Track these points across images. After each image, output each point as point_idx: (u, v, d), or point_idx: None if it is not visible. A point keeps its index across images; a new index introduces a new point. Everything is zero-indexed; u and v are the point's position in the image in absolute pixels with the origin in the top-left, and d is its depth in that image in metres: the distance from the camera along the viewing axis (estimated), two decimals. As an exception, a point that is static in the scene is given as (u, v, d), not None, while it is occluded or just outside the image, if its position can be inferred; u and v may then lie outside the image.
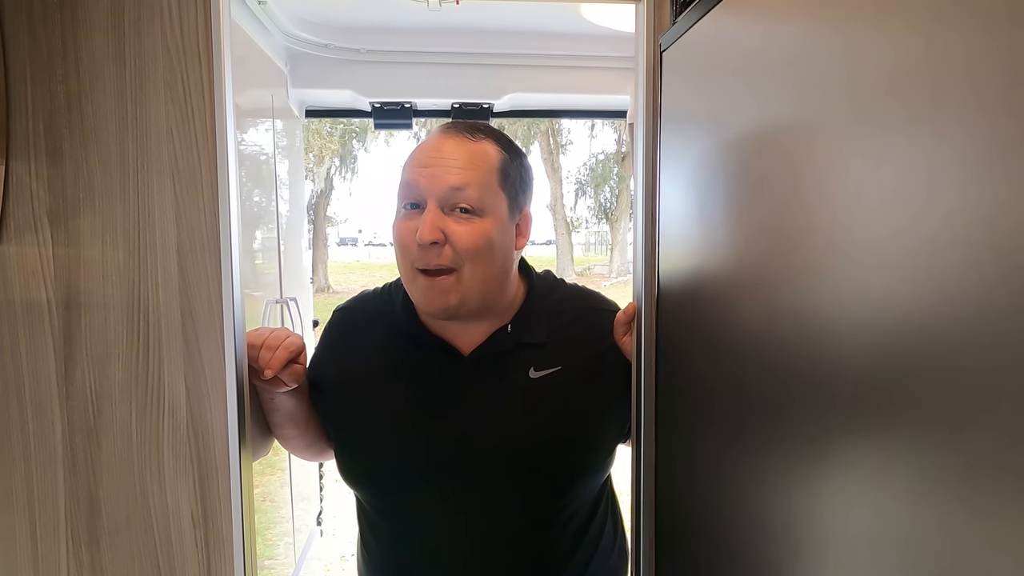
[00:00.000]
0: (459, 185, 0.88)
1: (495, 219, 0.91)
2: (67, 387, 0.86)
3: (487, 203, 0.90)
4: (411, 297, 0.95)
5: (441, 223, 0.88)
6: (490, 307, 0.96)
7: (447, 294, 0.89)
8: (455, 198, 0.88)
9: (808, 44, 0.52)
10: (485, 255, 0.90)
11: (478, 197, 0.89)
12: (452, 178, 0.88)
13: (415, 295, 0.93)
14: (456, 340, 0.98)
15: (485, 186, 0.90)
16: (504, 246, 0.93)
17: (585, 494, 1.01)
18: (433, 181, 0.89)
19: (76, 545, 0.87)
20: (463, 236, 0.88)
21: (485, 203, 0.90)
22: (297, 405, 1.00)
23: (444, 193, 0.88)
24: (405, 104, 1.79)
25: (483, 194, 0.89)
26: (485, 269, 0.90)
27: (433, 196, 0.88)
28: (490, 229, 0.90)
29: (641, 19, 0.89)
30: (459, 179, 0.88)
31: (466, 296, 0.90)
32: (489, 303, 0.95)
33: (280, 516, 1.99)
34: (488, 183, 0.91)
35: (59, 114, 0.83)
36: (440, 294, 0.89)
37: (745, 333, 0.64)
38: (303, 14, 1.58)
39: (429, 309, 0.92)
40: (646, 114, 0.90)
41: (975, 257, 0.34)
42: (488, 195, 0.90)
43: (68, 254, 0.85)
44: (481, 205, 0.89)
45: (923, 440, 0.39)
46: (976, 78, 0.34)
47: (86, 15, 0.83)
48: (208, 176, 0.84)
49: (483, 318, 0.97)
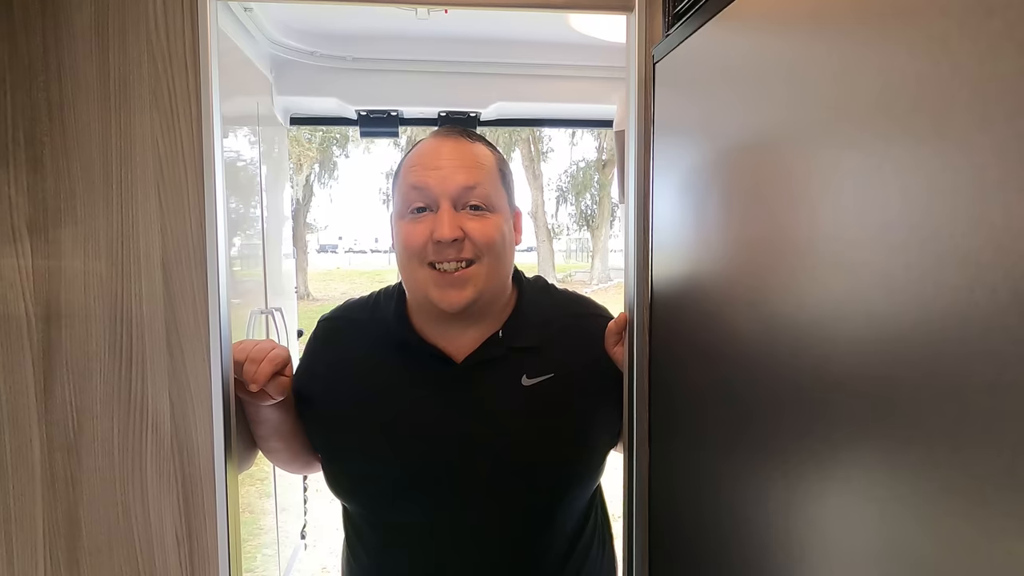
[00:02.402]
0: (471, 184, 0.91)
1: (503, 215, 0.95)
2: (46, 402, 0.83)
3: (495, 200, 0.94)
4: (422, 299, 0.95)
5: (459, 220, 0.90)
6: (491, 306, 0.98)
7: (464, 287, 0.91)
8: (467, 196, 0.91)
9: (802, 58, 0.52)
10: (499, 248, 0.94)
11: (488, 194, 0.93)
12: (463, 177, 0.91)
13: (430, 294, 0.92)
14: (449, 347, 0.98)
15: (492, 183, 0.94)
16: (510, 241, 0.98)
17: (577, 501, 1.01)
18: (444, 182, 0.91)
19: (55, 566, 0.85)
20: (480, 231, 0.91)
21: (493, 200, 0.93)
22: (282, 418, 0.98)
23: (457, 192, 0.91)
24: (391, 112, 1.78)
25: (491, 191, 0.93)
26: (499, 262, 0.94)
27: (446, 196, 0.90)
28: (501, 224, 0.94)
29: (633, 30, 0.89)
30: (470, 178, 0.91)
31: (483, 288, 0.93)
32: (494, 300, 0.97)
33: (259, 527, 1.95)
34: (493, 181, 0.95)
35: (40, 122, 0.81)
36: (457, 289, 0.91)
37: (739, 342, 0.64)
38: (289, 21, 1.57)
39: (446, 306, 0.92)
40: (638, 125, 0.90)
41: (973, 266, 0.34)
42: (494, 191, 0.94)
43: (48, 265, 0.82)
44: (490, 202, 0.93)
45: (924, 453, 0.39)
46: (968, 90, 0.34)
47: (68, 21, 0.81)
48: (194, 186, 0.82)
49: (478, 321, 0.97)
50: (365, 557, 1.02)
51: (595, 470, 1.02)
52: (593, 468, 1.01)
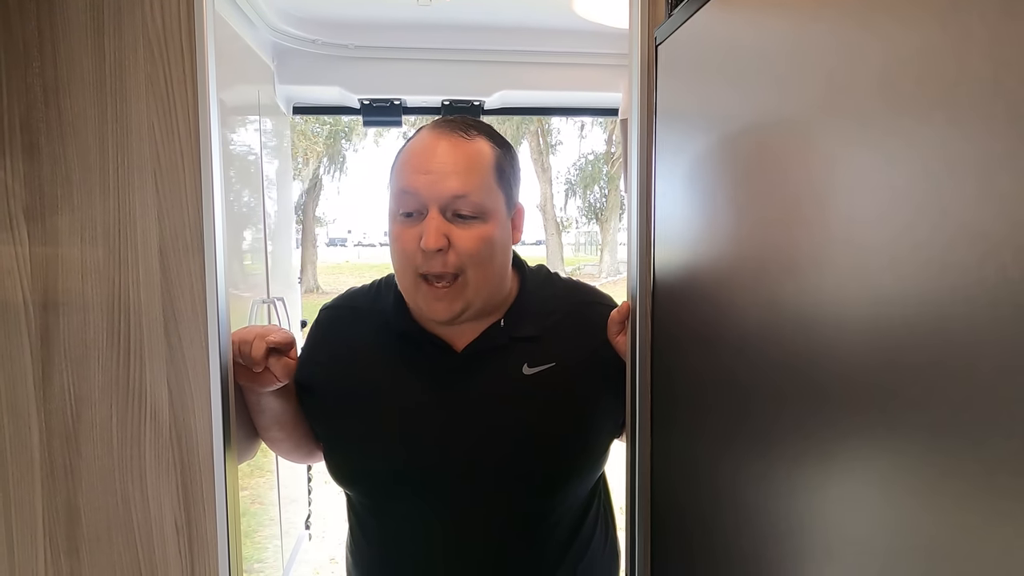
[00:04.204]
0: (461, 192, 0.87)
1: (496, 220, 0.91)
2: (44, 390, 0.83)
3: (488, 206, 0.90)
4: (413, 304, 0.94)
5: (445, 229, 0.87)
6: (490, 301, 0.96)
7: (452, 301, 0.89)
8: (456, 205, 0.88)
9: (808, 37, 0.50)
10: (487, 258, 0.90)
11: (480, 202, 0.88)
12: (453, 184, 0.87)
13: (419, 302, 0.92)
14: (449, 336, 0.97)
15: (486, 188, 0.90)
16: (504, 244, 0.94)
17: (579, 491, 1.00)
18: (433, 189, 0.87)
19: (55, 554, 0.85)
20: (467, 241, 0.88)
21: (486, 206, 0.89)
22: (284, 406, 0.98)
23: (446, 200, 0.87)
24: (394, 101, 1.77)
25: (484, 198, 0.89)
26: (487, 271, 0.91)
27: (435, 203, 0.87)
28: (492, 231, 0.90)
29: (636, 12, 0.87)
30: (460, 185, 0.87)
31: (471, 300, 0.90)
32: (490, 298, 0.95)
33: (268, 519, 1.96)
34: (488, 184, 0.90)
35: (36, 108, 0.80)
36: (445, 301, 0.89)
37: (743, 330, 0.63)
38: (290, 8, 1.55)
39: (434, 317, 0.91)
40: (640, 110, 0.88)
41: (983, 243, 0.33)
42: (489, 197, 0.90)
43: (45, 253, 0.82)
44: (482, 209, 0.89)
45: (929, 440, 0.37)
46: (978, 69, 0.33)
47: (63, 4, 0.80)
48: (191, 173, 0.81)
49: (479, 313, 0.96)
50: (366, 544, 1.02)
51: (596, 460, 1.01)
52: (595, 458, 1.00)
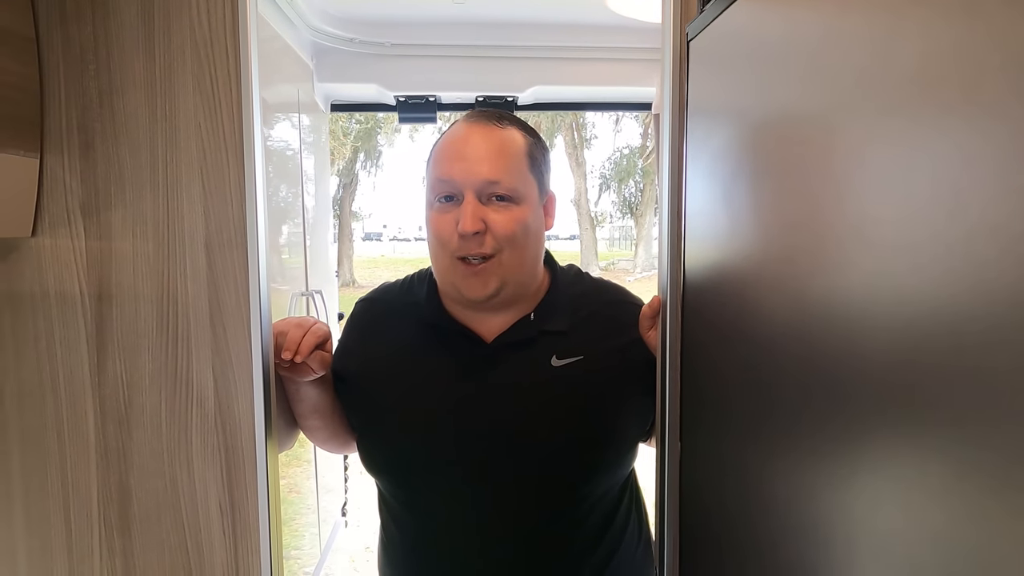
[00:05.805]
0: (495, 177, 0.91)
1: (529, 204, 0.94)
2: (99, 377, 0.88)
3: (521, 190, 0.93)
4: (448, 287, 0.96)
5: (481, 213, 0.90)
6: (521, 293, 0.98)
7: (488, 280, 0.92)
8: (491, 189, 0.91)
9: (841, 31, 0.50)
10: (521, 240, 0.93)
11: (513, 186, 0.92)
12: (487, 169, 0.91)
13: (456, 283, 0.94)
14: (479, 328, 0.99)
15: (518, 173, 0.93)
16: (537, 229, 0.97)
17: (607, 485, 1.01)
18: (468, 174, 0.91)
19: (108, 532, 0.89)
20: (502, 224, 0.91)
21: (519, 190, 0.92)
22: (322, 395, 1.01)
23: (481, 185, 0.91)
24: (429, 98, 1.80)
25: (517, 182, 0.92)
26: (521, 253, 0.94)
27: (470, 188, 0.91)
28: (526, 215, 0.93)
29: (668, 8, 0.87)
30: (494, 170, 0.91)
31: (505, 279, 0.93)
32: (522, 287, 0.97)
33: (306, 507, 2.01)
34: (520, 170, 0.93)
35: (91, 109, 0.85)
36: (481, 280, 0.92)
37: (773, 328, 0.63)
38: (329, 8, 1.59)
39: (471, 295, 0.93)
40: (672, 105, 0.88)
41: (1015, 249, 0.33)
42: (521, 182, 0.93)
43: (100, 247, 0.86)
44: (516, 193, 0.92)
45: (955, 437, 0.38)
46: (1013, 65, 0.33)
47: (116, 11, 0.84)
48: (235, 170, 0.85)
49: (510, 306, 0.98)
50: (398, 537, 1.04)
51: (623, 456, 1.02)
52: (622, 454, 1.01)
